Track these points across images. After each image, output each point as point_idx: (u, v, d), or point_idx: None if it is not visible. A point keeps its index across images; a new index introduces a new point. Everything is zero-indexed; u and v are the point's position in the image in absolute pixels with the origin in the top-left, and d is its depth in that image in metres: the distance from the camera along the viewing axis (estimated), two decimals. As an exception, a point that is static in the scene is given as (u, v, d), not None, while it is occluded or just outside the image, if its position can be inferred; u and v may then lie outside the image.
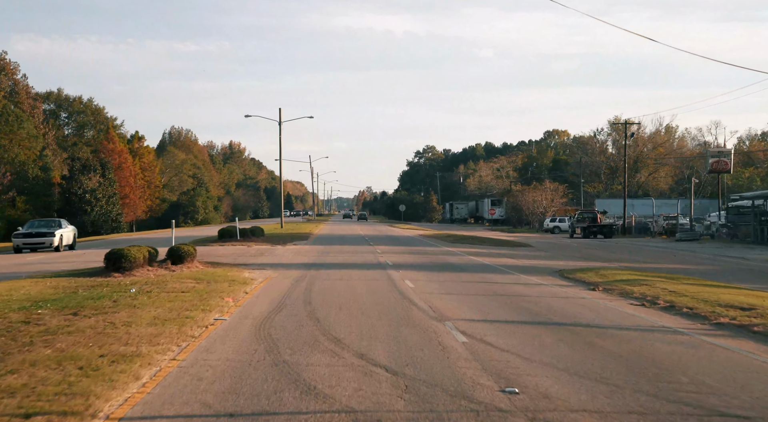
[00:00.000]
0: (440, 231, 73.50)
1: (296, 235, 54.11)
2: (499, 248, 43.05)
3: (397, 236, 59.79)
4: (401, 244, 46.72)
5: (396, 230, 76.93)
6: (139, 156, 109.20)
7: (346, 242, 48.99)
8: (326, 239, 51.37)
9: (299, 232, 60.59)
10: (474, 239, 51.89)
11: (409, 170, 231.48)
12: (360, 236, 58.90)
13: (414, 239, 55.19)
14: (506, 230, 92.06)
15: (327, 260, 30.23)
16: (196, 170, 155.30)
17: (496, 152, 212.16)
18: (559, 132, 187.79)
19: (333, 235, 59.94)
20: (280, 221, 74.51)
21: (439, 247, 42.98)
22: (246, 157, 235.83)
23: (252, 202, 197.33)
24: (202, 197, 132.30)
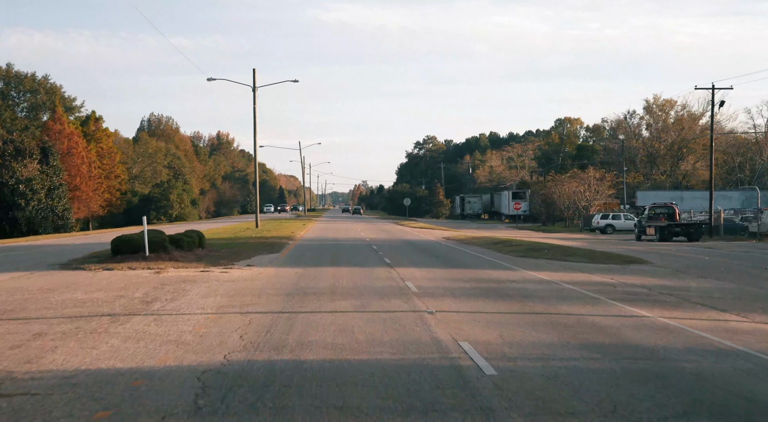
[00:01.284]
0: (465, 232, 54.47)
1: (268, 242, 34.93)
2: (616, 271, 23.64)
3: (416, 242, 40.52)
4: (437, 260, 27.30)
5: (408, 230, 57.66)
6: (95, 141, 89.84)
7: (342, 254, 29.49)
8: (312, 249, 32.10)
9: (276, 235, 41.48)
10: (537, 249, 32.85)
11: (408, 163, 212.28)
12: (363, 241, 39.42)
13: (444, 247, 35.90)
14: (536, 228, 73.07)
15: (297, 327, 11.18)
16: (175, 160, 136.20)
17: (501, 143, 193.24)
18: (571, 120, 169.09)
19: (323, 240, 40.48)
20: (256, 218, 55.18)
21: (512, 269, 23.48)
22: (235, 148, 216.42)
23: (240, 195, 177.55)
24: (177, 189, 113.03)
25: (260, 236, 40.55)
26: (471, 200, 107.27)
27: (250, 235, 41.01)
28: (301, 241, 38.25)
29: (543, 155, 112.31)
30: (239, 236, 40.57)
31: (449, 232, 54.16)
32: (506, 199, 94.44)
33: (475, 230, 60.79)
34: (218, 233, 44.03)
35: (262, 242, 34.95)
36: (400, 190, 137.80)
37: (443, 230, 59.50)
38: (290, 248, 32.37)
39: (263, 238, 38.19)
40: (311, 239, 41.07)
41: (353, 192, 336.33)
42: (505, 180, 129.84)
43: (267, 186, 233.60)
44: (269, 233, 43.61)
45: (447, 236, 47.27)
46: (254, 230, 47.55)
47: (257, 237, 38.90)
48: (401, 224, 72.15)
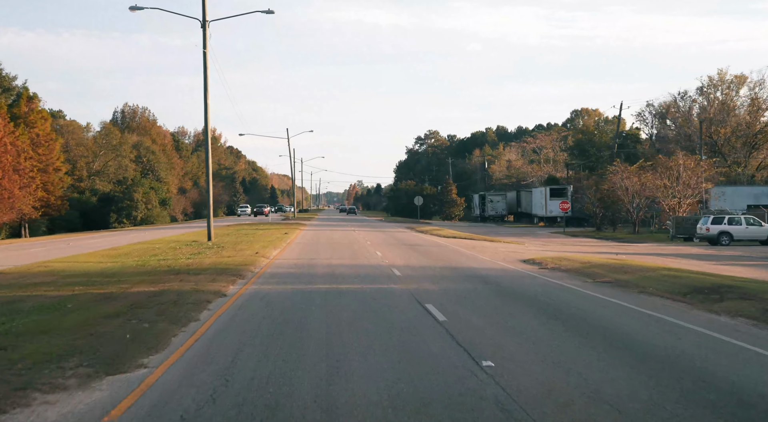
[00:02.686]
0: (539, 247, 34.33)
1: (182, 291, 14.72)
2: None
3: (492, 277, 19.52)
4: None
5: (441, 242, 36.78)
6: (28, 125, 69.25)
7: (352, 358, 9.00)
8: (266, 325, 11.50)
9: (221, 263, 20.58)
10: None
11: (408, 160, 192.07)
12: (389, 279, 17.94)
13: (583, 298, 15.26)
14: (595, 234, 53.18)
15: None
16: (149, 154, 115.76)
17: (509, 137, 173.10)
18: (588, 111, 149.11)
19: (305, 278, 18.62)
20: (209, 226, 34.41)
21: None
22: (222, 145, 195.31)
23: (226, 195, 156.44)
24: (143, 187, 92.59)
25: (188, 265, 20.10)
26: (493, 198, 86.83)
27: (171, 264, 20.52)
28: (258, 283, 17.54)
29: (577, 146, 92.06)
30: (146, 265, 20.13)
31: (510, 245, 33.84)
32: (540, 197, 74.17)
33: (541, 242, 40.60)
34: (116, 256, 23.62)
35: (167, 290, 14.43)
36: (404, 188, 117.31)
37: (490, 240, 39.14)
38: (215, 316, 11.89)
39: (187, 273, 17.73)
40: (283, 272, 20.17)
41: (348, 192, 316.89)
42: (526, 176, 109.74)
43: (257, 185, 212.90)
44: (213, 258, 23.07)
45: (525, 256, 26.80)
46: (196, 248, 27.12)
47: (180, 269, 18.51)
48: (421, 231, 51.70)
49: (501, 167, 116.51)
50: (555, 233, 58.14)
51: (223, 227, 48.96)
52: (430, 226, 63.97)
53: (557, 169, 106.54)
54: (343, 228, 55.93)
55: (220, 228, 46.46)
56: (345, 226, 62.37)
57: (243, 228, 46.74)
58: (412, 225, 66.82)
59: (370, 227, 61.36)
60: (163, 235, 41.37)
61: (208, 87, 33.05)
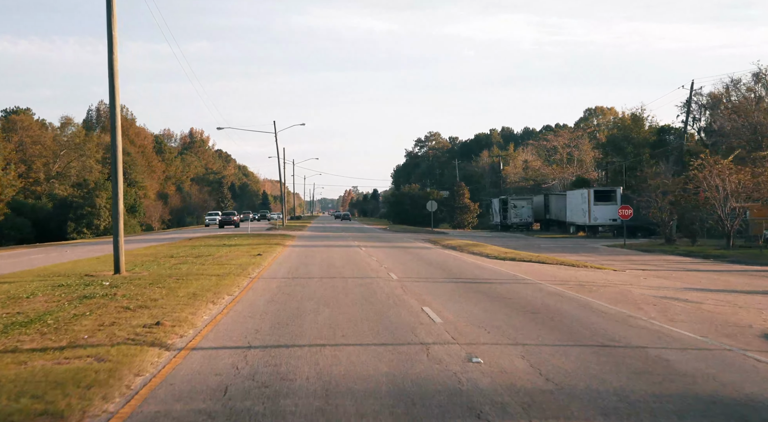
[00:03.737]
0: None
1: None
2: None
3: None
4: None
5: (494, 265, 21.99)
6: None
7: None
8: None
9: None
10: None
11: (407, 163, 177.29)
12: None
13: None
14: (672, 248, 39.06)
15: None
16: (124, 155, 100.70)
17: (515, 139, 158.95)
18: (603, 110, 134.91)
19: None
20: (115, 244, 19.73)
21: None
22: (210, 148, 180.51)
23: (213, 200, 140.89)
24: (106, 192, 77.80)
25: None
26: (517, 203, 72.22)
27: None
28: None
29: (611, 143, 77.69)
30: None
31: (617, 275, 19.35)
32: (580, 201, 59.77)
33: (626, 263, 26.27)
34: None
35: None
36: (408, 192, 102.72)
37: (563, 264, 24.58)
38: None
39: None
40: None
41: (344, 198, 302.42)
42: (545, 178, 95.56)
43: (248, 191, 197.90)
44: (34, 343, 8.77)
45: (726, 314, 12.26)
46: (64, 295, 12.61)
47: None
48: (448, 246, 36.90)
49: (516, 168, 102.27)
50: (613, 246, 43.80)
51: (171, 245, 34.48)
52: (453, 238, 49.47)
53: (582, 169, 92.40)
54: (342, 242, 41.46)
55: (164, 246, 32.08)
56: (344, 238, 47.87)
57: (199, 246, 32.04)
58: (428, 236, 52.38)
59: (376, 239, 46.94)
60: (78, 256, 26.77)
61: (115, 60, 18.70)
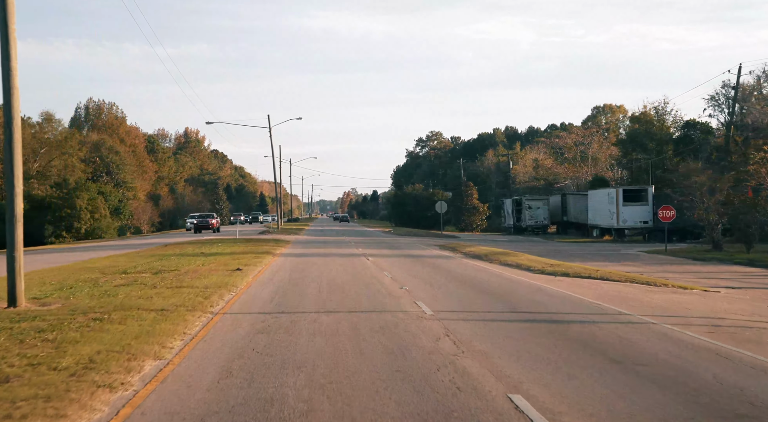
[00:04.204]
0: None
1: None
2: None
3: None
4: None
5: (547, 284, 15.46)
6: None
7: None
8: None
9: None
10: None
11: (408, 164, 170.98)
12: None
13: None
14: (724, 256, 32.74)
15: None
16: (111, 154, 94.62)
17: (520, 138, 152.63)
18: (612, 108, 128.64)
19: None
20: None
21: None
22: (205, 148, 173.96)
23: (207, 202, 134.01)
24: (88, 193, 71.53)
25: None
26: (532, 204, 65.65)
27: None
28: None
29: (631, 139, 71.28)
30: None
31: (715, 302, 12.95)
32: (605, 201, 53.39)
33: (700, 276, 20.06)
34: None
35: None
36: (411, 193, 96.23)
37: (622, 281, 18.19)
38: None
39: None
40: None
41: (342, 200, 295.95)
42: (557, 177, 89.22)
43: (245, 193, 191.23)
44: None
45: None
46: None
47: None
48: (473, 256, 30.44)
49: (526, 167, 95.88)
50: (653, 252, 37.46)
51: (139, 253, 28.05)
52: (470, 243, 43.02)
53: (597, 167, 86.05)
54: (343, 249, 35.05)
55: (129, 255, 25.67)
56: (346, 244, 41.41)
57: (170, 256, 25.50)
58: (440, 242, 45.97)
59: (382, 245, 40.53)
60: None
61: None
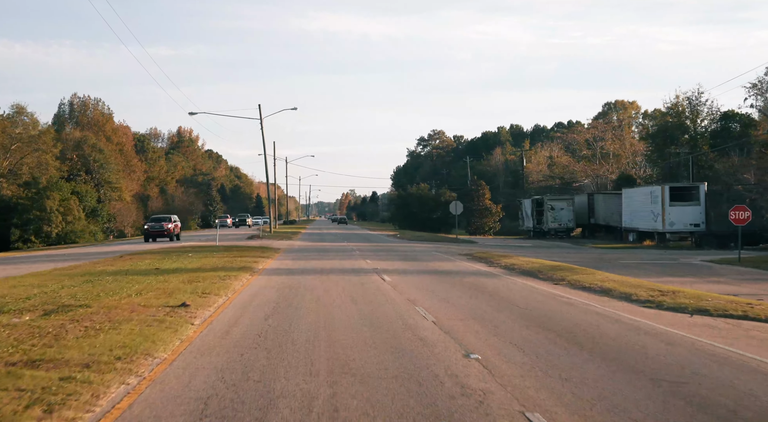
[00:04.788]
0: None
1: None
2: None
3: None
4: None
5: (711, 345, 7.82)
6: None
7: None
8: None
9: None
10: None
11: (408, 163, 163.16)
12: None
13: None
14: None
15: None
16: (95, 152, 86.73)
17: (525, 137, 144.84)
18: (624, 104, 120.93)
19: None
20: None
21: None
22: (199, 148, 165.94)
23: (200, 203, 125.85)
24: (60, 193, 63.76)
25: None
26: (556, 205, 57.70)
27: None
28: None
29: (662, 134, 63.63)
30: None
31: None
32: (648, 200, 45.60)
33: None
34: None
35: None
36: (416, 193, 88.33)
37: None
38: None
39: None
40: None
41: (341, 201, 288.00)
42: (575, 175, 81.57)
43: (241, 194, 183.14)
44: None
45: None
46: None
47: None
48: (556, 281, 22.25)
49: (539, 165, 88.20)
50: (725, 262, 29.77)
51: (78, 267, 20.40)
52: (501, 252, 35.15)
53: (619, 164, 78.38)
54: (347, 262, 27.19)
55: (64, 270, 18.14)
56: (349, 253, 33.53)
57: (115, 273, 17.73)
58: (462, 248, 38.17)
59: (394, 254, 32.64)
60: None
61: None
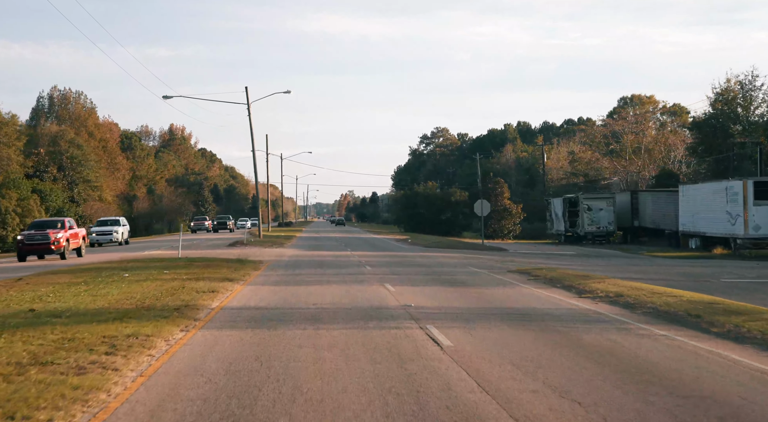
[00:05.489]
0: None
1: None
2: None
3: None
4: None
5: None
6: None
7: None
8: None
9: None
10: None
11: (410, 162, 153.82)
12: None
13: None
14: None
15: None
16: (72, 148, 77.73)
17: (534, 134, 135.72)
18: (641, 98, 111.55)
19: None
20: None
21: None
22: (192, 146, 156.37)
23: (190, 204, 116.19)
24: (18, 191, 54.60)
25: None
26: (593, 204, 48.25)
27: None
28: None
29: (710, 124, 54.48)
30: None
31: None
32: (721, 199, 36.43)
33: None
34: None
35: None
36: (423, 193, 79.01)
37: None
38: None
39: None
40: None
41: (340, 202, 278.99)
42: (600, 172, 72.53)
43: (236, 195, 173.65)
44: None
45: None
46: None
47: None
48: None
49: (558, 162, 79.19)
50: None
51: None
52: (567, 268, 25.95)
53: (653, 161, 69.33)
54: (359, 289, 17.94)
55: None
56: (359, 271, 24.12)
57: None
58: (507, 261, 29.06)
59: (424, 272, 23.38)
60: None
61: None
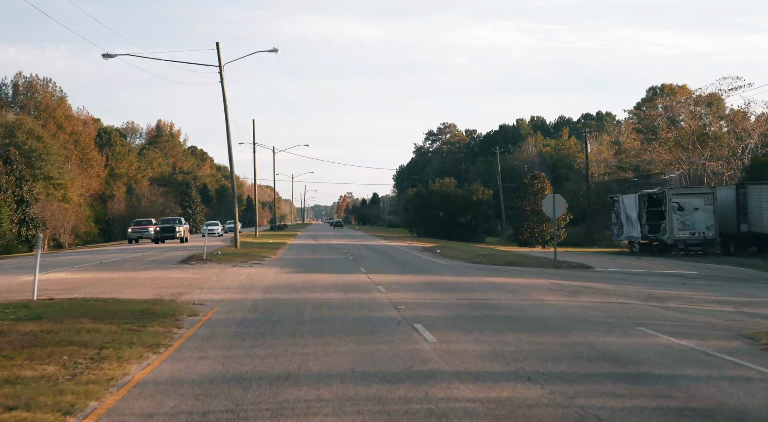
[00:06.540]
0: None
1: None
2: None
3: None
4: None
5: None
6: None
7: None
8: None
9: None
10: None
11: (415, 161, 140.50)
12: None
13: None
14: None
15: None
16: (33, 140, 64.96)
17: (549, 130, 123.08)
18: (672, 88, 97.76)
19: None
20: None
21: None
22: (181, 143, 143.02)
23: (176, 206, 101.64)
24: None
25: None
26: (685, 202, 35.52)
27: None
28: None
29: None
30: None
31: None
32: None
33: None
34: None
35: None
36: (439, 191, 65.80)
37: None
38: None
39: None
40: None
41: (338, 204, 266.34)
42: (652, 165, 59.74)
43: (229, 196, 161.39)
44: None
45: None
46: None
47: None
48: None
49: (600, 154, 66.44)
50: None
51: None
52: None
53: (722, 150, 56.44)
54: None
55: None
56: (401, 335, 11.42)
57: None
58: (631, 295, 16.48)
59: (571, 351, 10.43)
60: None
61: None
